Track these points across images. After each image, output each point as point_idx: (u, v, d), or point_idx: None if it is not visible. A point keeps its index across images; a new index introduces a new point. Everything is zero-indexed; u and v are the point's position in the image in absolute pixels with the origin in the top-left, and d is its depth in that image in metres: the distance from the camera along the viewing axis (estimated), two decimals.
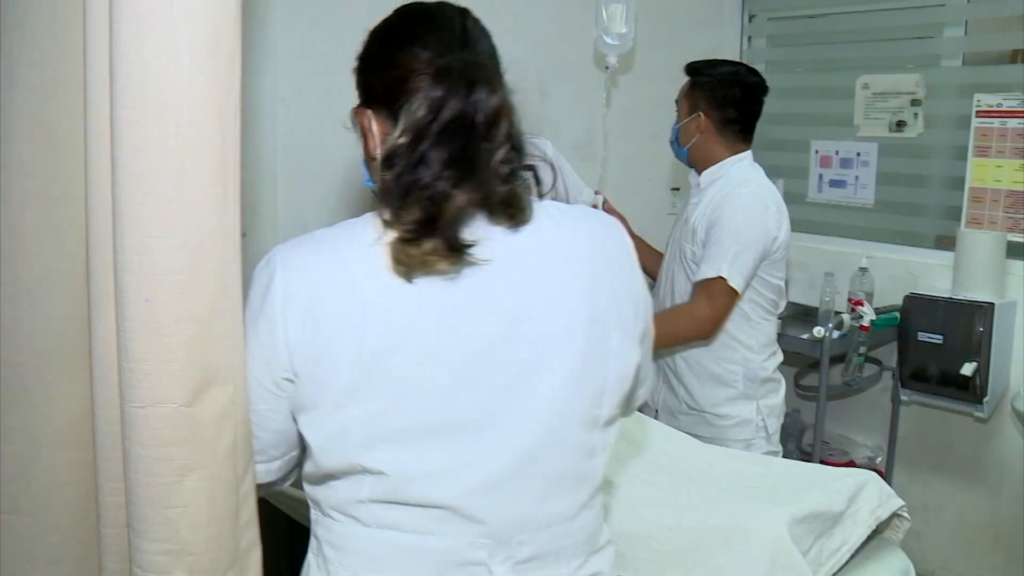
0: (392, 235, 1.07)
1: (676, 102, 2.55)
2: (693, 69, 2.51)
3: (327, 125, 1.86)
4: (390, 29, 1.20)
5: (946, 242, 3.32)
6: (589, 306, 1.14)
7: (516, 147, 1.12)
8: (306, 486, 1.21)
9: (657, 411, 2.64)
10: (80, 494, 1.27)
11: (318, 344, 1.09)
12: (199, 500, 1.12)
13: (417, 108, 1.07)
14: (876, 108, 3.48)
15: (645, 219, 3.11)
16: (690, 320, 2.39)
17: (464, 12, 1.21)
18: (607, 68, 2.71)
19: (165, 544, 1.13)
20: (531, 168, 1.15)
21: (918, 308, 3.08)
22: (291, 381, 1.12)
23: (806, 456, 3.34)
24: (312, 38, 2.61)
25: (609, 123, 2.98)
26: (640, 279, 1.23)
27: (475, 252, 1.07)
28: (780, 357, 2.58)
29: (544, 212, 1.16)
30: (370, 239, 1.10)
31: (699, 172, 2.54)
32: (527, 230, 1.13)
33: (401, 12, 1.21)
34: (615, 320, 1.17)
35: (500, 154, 1.09)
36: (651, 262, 2.80)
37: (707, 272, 2.33)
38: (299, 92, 2.68)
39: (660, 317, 2.33)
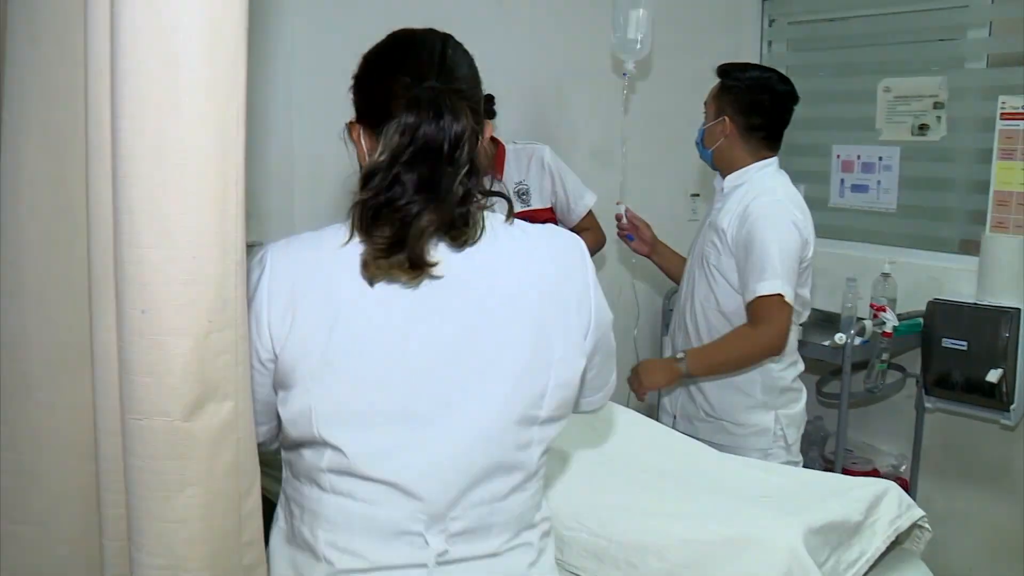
0: (363, 243, 1.22)
1: (704, 103, 2.53)
2: (723, 71, 2.48)
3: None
4: (378, 54, 1.33)
5: (970, 247, 3.27)
6: (537, 319, 1.28)
7: (473, 170, 1.23)
8: (282, 450, 1.36)
9: (675, 417, 2.62)
10: (88, 505, 1.27)
11: (295, 334, 1.22)
12: (195, 516, 1.12)
13: (394, 133, 1.19)
14: (898, 111, 3.45)
15: (666, 225, 3.10)
16: (757, 344, 2.36)
17: (446, 39, 1.32)
18: (624, 74, 2.70)
19: (161, 559, 1.12)
20: (500, 195, 1.29)
21: (942, 314, 3.04)
22: (272, 362, 1.25)
23: (829, 464, 3.30)
24: (329, 47, 2.61)
25: (628, 129, 2.97)
26: (596, 296, 1.36)
27: (434, 270, 1.20)
28: (800, 367, 2.55)
29: (506, 232, 1.29)
30: (345, 243, 1.23)
31: (723, 176, 2.52)
32: (486, 248, 1.25)
33: (391, 37, 1.34)
34: (561, 332, 1.29)
35: (460, 177, 1.20)
36: (674, 267, 2.79)
37: (762, 290, 2.30)
38: (315, 101, 2.68)
39: (725, 344, 2.38)
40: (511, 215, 1.31)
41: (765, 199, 2.36)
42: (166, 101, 1.04)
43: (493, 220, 1.28)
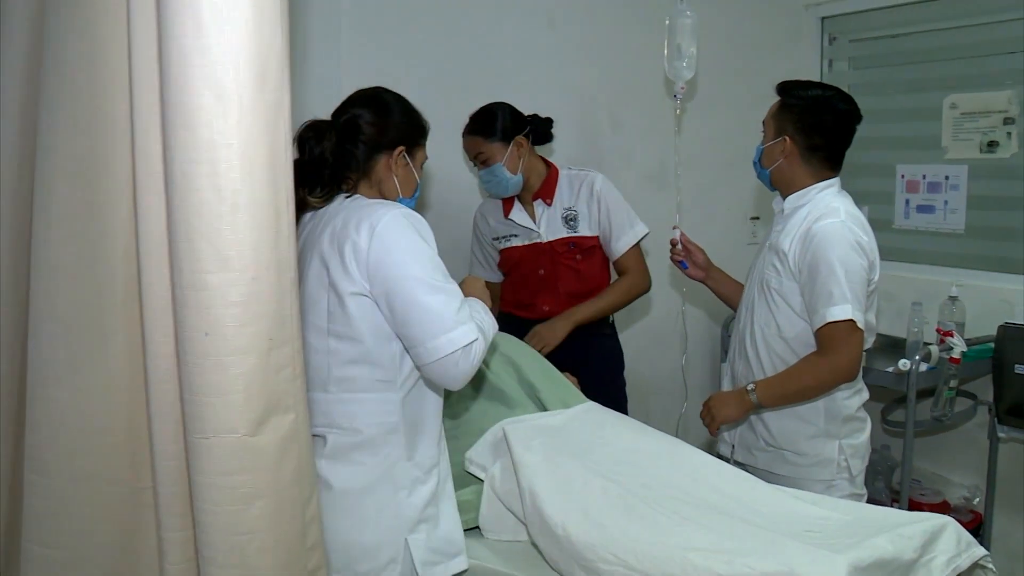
0: None
1: (763, 122, 2.46)
2: (783, 89, 2.41)
3: None
4: None
5: None
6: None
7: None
8: None
9: (734, 446, 2.55)
10: (118, 531, 1.31)
11: None
12: (265, 526, 1.17)
13: None
14: (965, 129, 3.35)
15: (725, 249, 3.05)
16: (830, 372, 2.28)
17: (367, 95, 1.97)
18: (676, 96, 2.67)
19: (235, 570, 1.17)
20: None
21: (1013, 338, 2.93)
22: None
23: (896, 496, 3.19)
24: (378, 69, 2.65)
25: (683, 152, 2.93)
26: None
27: None
28: (865, 395, 2.46)
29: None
30: None
31: (783, 197, 2.46)
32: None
33: None
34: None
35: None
36: (730, 292, 2.73)
37: (833, 316, 2.23)
38: None
39: (796, 373, 2.32)
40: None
41: (828, 220, 2.28)
42: (219, 133, 1.08)
43: None
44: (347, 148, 1.87)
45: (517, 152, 2.71)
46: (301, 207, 1.83)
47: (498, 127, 2.69)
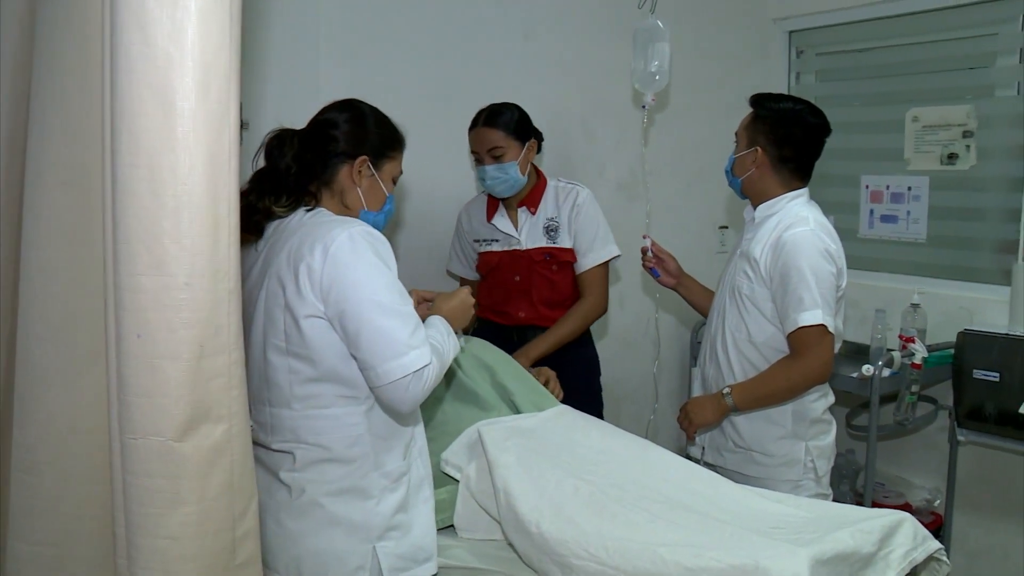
0: None
1: (736, 133, 2.52)
2: (756, 101, 2.47)
3: None
4: None
5: (1002, 276, 3.23)
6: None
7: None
8: None
9: (704, 448, 2.60)
10: (104, 528, 1.31)
11: None
12: (187, 534, 1.15)
13: None
14: (926, 141, 3.43)
15: (694, 257, 3.09)
16: (802, 375, 2.35)
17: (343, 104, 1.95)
18: (644, 107, 2.72)
19: (156, 573, 1.16)
20: None
21: (973, 345, 2.99)
22: None
23: (860, 498, 3.25)
24: (353, 81, 2.67)
25: (654, 162, 2.98)
26: None
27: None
28: (831, 398, 2.52)
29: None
30: None
31: (754, 206, 2.51)
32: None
33: None
34: None
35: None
36: (701, 299, 2.77)
37: (804, 320, 2.29)
38: None
39: (770, 376, 2.38)
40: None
41: (798, 229, 2.34)
42: (160, 137, 1.09)
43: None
44: (307, 156, 1.85)
45: (528, 155, 2.74)
46: (268, 216, 1.84)
47: (519, 125, 2.71)
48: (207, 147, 1.12)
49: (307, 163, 1.85)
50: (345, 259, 1.68)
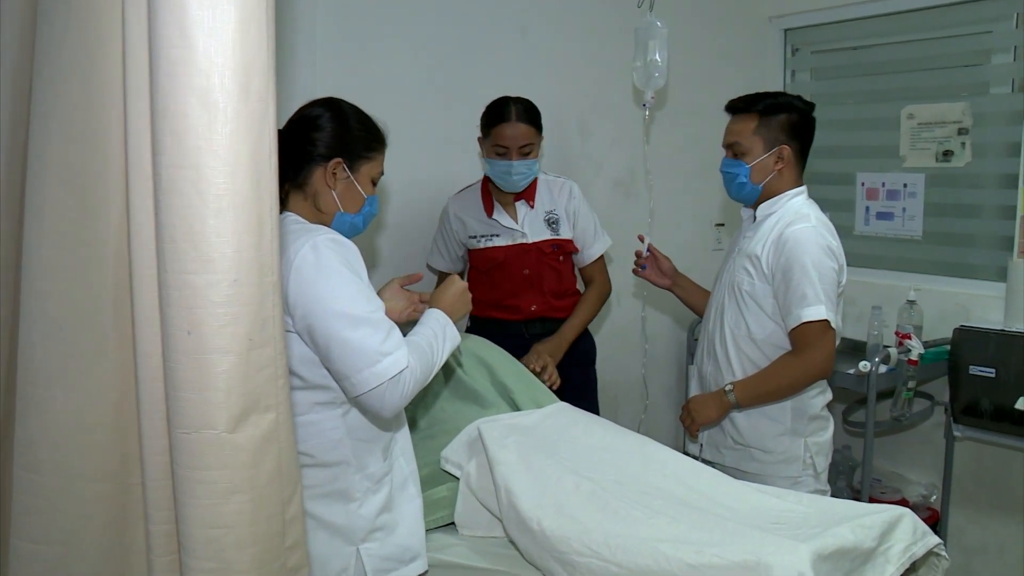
0: None
1: (730, 144, 2.46)
2: (752, 102, 2.44)
3: None
4: None
5: (997, 273, 3.25)
6: None
7: None
8: None
9: (702, 445, 2.61)
10: (110, 526, 1.33)
11: None
12: (243, 522, 1.18)
13: None
14: (922, 138, 3.44)
15: (690, 255, 3.10)
16: (805, 370, 2.36)
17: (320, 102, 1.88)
18: (644, 105, 2.73)
19: (211, 563, 1.18)
20: None
21: (968, 341, 3.01)
22: None
23: (857, 494, 3.27)
24: (349, 79, 2.67)
25: (650, 160, 2.99)
26: None
27: None
28: (829, 395, 2.53)
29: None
30: None
31: (755, 207, 2.50)
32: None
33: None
34: None
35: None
36: (697, 299, 2.78)
37: (807, 316, 2.29)
38: None
39: (773, 372, 2.38)
40: None
41: (800, 225, 2.34)
42: (204, 138, 1.11)
43: None
44: (280, 158, 1.79)
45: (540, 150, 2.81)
46: None
47: (541, 124, 2.78)
48: (249, 146, 1.14)
49: (279, 165, 1.80)
50: (308, 273, 1.65)
